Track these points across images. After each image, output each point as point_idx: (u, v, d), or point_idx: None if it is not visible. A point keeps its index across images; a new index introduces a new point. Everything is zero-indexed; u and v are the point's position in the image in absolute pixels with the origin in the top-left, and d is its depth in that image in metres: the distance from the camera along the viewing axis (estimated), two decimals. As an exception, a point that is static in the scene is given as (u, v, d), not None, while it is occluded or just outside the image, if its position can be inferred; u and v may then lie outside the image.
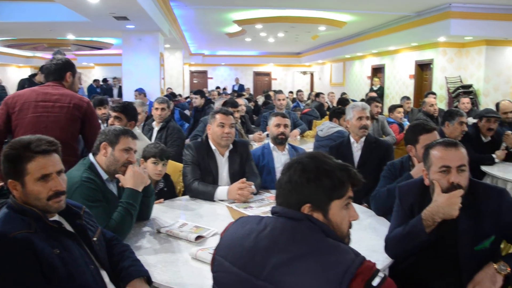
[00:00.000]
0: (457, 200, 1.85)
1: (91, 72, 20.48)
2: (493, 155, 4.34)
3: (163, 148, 3.11)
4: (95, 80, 14.75)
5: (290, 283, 1.22)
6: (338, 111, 5.02)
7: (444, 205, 1.85)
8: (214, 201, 2.94)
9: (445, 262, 1.99)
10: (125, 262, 1.83)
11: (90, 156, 2.42)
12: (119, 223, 2.20)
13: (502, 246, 2.16)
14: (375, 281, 1.18)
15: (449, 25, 8.83)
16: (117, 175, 2.37)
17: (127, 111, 3.63)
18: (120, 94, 12.82)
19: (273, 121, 3.53)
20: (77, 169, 2.35)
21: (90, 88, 13.75)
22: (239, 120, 5.44)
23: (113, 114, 3.59)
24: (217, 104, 5.63)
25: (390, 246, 2.02)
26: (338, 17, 10.93)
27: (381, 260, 2.00)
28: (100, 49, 15.68)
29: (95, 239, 1.78)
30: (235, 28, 12.75)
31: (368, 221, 2.57)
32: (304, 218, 1.34)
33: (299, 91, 10.99)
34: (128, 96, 9.03)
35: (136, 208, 2.31)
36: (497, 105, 5.47)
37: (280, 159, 3.49)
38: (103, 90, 14.00)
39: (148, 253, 2.09)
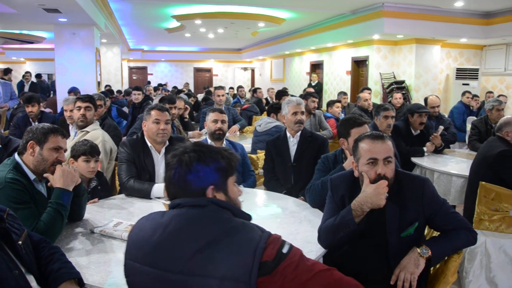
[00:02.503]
0: (383, 190, 1.93)
1: (21, 68, 19.40)
2: (424, 148, 4.59)
3: (92, 144, 3.03)
4: (27, 72, 13.78)
5: (206, 270, 1.24)
6: (275, 106, 5.09)
7: (372, 195, 1.93)
8: (150, 198, 2.89)
9: (375, 249, 2.08)
10: (54, 265, 1.76)
11: (16, 155, 2.30)
12: (48, 224, 2.11)
13: (426, 232, 2.28)
14: (285, 249, 1.27)
15: (382, 23, 9.20)
16: (45, 175, 2.28)
17: (93, 100, 3.91)
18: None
19: (210, 116, 3.52)
20: (0, 169, 2.23)
21: (20, 84, 12.98)
22: (178, 117, 5.38)
23: (83, 105, 3.79)
24: (155, 101, 5.53)
25: (323, 236, 2.08)
26: (277, 14, 11.05)
27: (314, 250, 2.06)
28: (32, 43, 14.87)
29: (20, 242, 1.69)
30: (174, 24, 12.56)
31: (304, 214, 2.63)
32: (208, 203, 1.37)
33: (239, 87, 11.04)
34: (63, 92, 8.62)
35: (67, 209, 2.23)
36: (426, 100, 5.78)
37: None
38: (33, 86, 13.22)
39: (80, 254, 2.02)
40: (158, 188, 2.90)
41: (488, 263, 3.31)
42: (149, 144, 3.14)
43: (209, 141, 3.53)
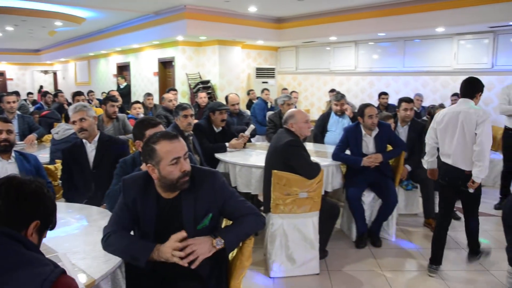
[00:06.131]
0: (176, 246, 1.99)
1: None
2: (226, 144, 4.85)
3: None
4: None
5: None
6: (73, 111, 4.79)
7: (164, 253, 1.97)
8: None
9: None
10: None
11: None
12: None
13: (224, 223, 2.42)
14: None
15: (184, 25, 9.46)
16: None
17: None
18: None
19: (-8, 127, 3.13)
20: None
21: None
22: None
23: None
24: None
25: (113, 250, 2.06)
26: (75, 13, 10.41)
27: (113, 258, 2.00)
28: None
29: None
30: (-52, 19, 10.83)
31: (104, 222, 2.49)
32: None
33: (29, 93, 10.13)
34: None
35: None
36: (226, 98, 6.14)
37: (6, 169, 3.12)
38: None
39: None
40: None
41: (286, 242, 3.70)
42: None
43: (-7, 154, 3.14)
